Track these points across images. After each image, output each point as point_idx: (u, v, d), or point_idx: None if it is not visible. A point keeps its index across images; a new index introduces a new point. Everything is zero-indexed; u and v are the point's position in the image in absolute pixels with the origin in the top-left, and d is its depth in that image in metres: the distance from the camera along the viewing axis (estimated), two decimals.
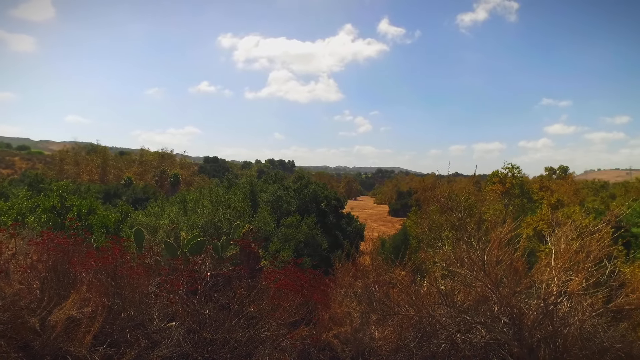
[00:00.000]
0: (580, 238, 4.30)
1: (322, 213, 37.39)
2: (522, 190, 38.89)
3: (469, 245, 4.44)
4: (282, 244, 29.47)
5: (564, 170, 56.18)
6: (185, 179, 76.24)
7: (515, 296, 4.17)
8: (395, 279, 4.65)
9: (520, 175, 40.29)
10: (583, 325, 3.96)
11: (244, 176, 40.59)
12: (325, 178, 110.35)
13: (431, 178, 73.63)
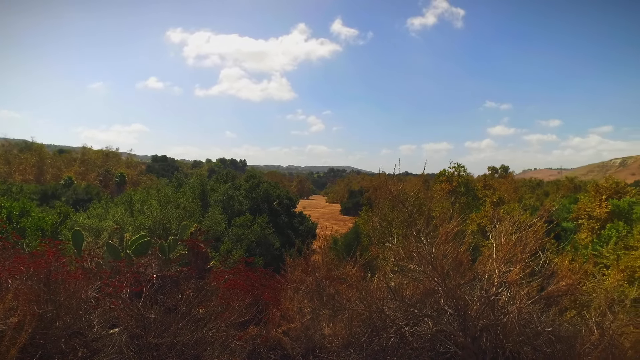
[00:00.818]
0: (518, 232, 4.56)
1: (274, 212, 37.19)
2: (468, 189, 40.70)
3: (417, 240, 4.57)
4: (233, 244, 28.99)
5: (505, 169, 59.55)
6: (132, 178, 72.98)
7: (460, 288, 4.35)
8: (345, 274, 4.69)
9: (465, 175, 42.17)
10: (520, 313, 4.20)
11: (194, 175, 39.50)
12: (277, 177, 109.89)
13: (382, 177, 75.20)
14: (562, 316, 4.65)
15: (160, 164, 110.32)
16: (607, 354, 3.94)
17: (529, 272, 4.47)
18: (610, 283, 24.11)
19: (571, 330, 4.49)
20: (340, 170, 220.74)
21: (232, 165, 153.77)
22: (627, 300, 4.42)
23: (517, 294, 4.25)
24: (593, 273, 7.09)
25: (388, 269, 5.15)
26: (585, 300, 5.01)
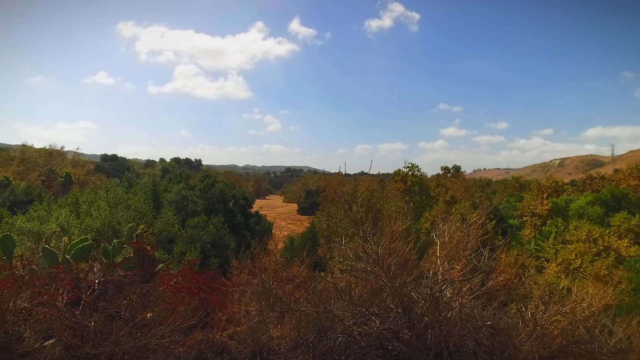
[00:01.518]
0: (460, 231, 4.74)
1: (230, 213, 36.60)
2: (422, 188, 41.99)
3: (364, 240, 4.63)
4: (187, 246, 28.25)
5: (456, 169, 61.93)
6: (79, 178, 69.23)
7: (406, 286, 4.45)
8: (293, 275, 4.68)
9: (419, 174, 43.48)
10: (463, 309, 4.36)
11: (146, 175, 38.08)
12: (233, 177, 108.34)
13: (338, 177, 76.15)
14: (501, 310, 4.89)
15: (110, 163, 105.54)
16: (539, 343, 4.18)
17: (471, 269, 4.65)
18: (549, 275, 25.60)
19: (510, 322, 4.73)
20: (297, 170, 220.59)
21: (187, 164, 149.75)
22: (558, 292, 4.71)
23: (459, 291, 4.41)
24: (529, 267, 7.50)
25: (337, 269, 5.19)
26: (524, 293, 5.28)
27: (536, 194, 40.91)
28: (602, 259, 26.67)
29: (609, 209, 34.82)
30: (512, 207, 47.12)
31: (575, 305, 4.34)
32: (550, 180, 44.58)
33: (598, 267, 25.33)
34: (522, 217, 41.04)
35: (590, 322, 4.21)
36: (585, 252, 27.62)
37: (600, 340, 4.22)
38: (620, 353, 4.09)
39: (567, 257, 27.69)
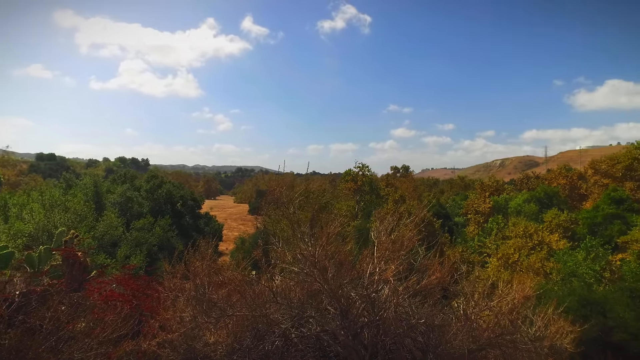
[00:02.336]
0: (397, 230, 4.86)
1: (178, 214, 35.50)
2: (372, 188, 42.79)
3: (302, 242, 4.63)
4: (132, 249, 27.05)
5: (406, 169, 63.93)
6: (9, 179, 64.28)
7: (343, 288, 4.50)
8: (228, 278, 4.58)
9: (370, 174, 44.31)
10: (398, 308, 4.48)
11: (87, 176, 36.00)
12: (182, 177, 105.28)
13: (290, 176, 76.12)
14: (437, 307, 5.06)
15: (47, 163, 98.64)
16: (469, 337, 4.38)
17: (408, 268, 4.79)
18: (491, 269, 26.80)
19: (444, 319, 4.91)
20: (248, 170, 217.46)
21: (134, 164, 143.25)
22: (487, 287, 4.96)
23: (395, 290, 4.52)
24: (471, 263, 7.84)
25: (276, 271, 5.15)
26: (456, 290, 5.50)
27: (479, 193, 42.98)
28: (537, 252, 28.48)
29: (543, 206, 37.26)
30: (457, 206, 49.20)
31: (501, 299, 4.58)
32: (492, 180, 47.04)
33: (533, 260, 27.04)
34: (466, 215, 42.98)
35: (514, 314, 4.47)
36: (522, 247, 29.37)
37: (522, 330, 4.49)
38: (538, 340, 4.38)
39: (506, 252, 29.32)
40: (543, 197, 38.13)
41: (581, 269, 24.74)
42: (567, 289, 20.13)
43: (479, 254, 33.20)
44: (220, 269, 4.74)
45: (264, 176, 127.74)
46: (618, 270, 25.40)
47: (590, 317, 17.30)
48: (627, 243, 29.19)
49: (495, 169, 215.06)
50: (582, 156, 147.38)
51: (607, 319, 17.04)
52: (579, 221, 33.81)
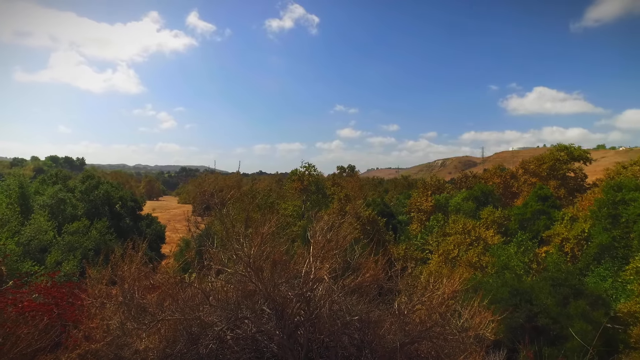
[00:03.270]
0: (332, 230, 4.92)
1: (117, 216, 33.76)
2: (318, 187, 43.11)
3: (237, 242, 4.56)
4: (64, 255, 25.34)
5: (351, 168, 65.06)
6: None
7: (279, 287, 4.48)
8: (158, 282, 4.41)
9: (316, 174, 44.60)
10: (332, 306, 4.54)
11: (11, 176, 33.16)
12: (122, 177, 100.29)
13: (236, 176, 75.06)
14: (372, 303, 5.19)
15: None
16: (402, 331, 4.54)
17: (343, 267, 4.87)
18: (433, 265, 27.88)
19: (380, 315, 5.04)
20: (193, 169, 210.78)
21: (67, 164, 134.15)
22: (420, 283, 5.16)
23: (329, 289, 4.58)
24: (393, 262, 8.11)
25: (212, 273, 5.03)
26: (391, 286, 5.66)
27: (422, 192, 44.64)
28: (474, 247, 30.09)
29: (480, 203, 39.44)
30: (401, 204, 50.84)
31: (431, 294, 4.79)
32: (433, 179, 49.03)
33: (471, 255, 28.55)
34: (410, 213, 44.52)
35: (443, 307, 4.69)
36: (461, 243, 30.89)
37: (451, 322, 4.72)
38: (465, 331, 4.63)
39: (447, 248, 30.73)
40: (480, 196, 40.35)
41: (513, 262, 26.48)
42: (500, 281, 21.48)
43: (422, 250, 34.51)
44: (150, 272, 4.54)
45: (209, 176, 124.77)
46: (543, 262, 27.48)
47: (520, 305, 18.62)
48: (551, 237, 31.67)
49: (437, 169, 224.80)
50: (514, 157, 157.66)
51: (533, 306, 18.40)
52: (511, 217, 36.15)
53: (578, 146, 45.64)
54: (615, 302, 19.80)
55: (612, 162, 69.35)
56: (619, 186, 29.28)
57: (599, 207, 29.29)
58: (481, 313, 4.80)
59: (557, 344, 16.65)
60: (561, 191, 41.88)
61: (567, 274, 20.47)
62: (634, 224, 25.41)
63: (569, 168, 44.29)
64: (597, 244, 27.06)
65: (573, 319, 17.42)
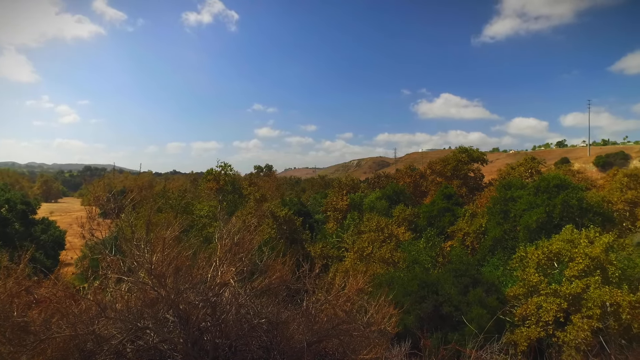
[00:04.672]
0: (240, 232, 4.84)
1: (3, 221, 29.96)
2: (234, 187, 42.28)
3: (137, 249, 4.29)
4: None
5: (269, 168, 64.78)
6: None
7: (182, 293, 4.29)
8: (42, 296, 3.99)
9: (232, 173, 43.70)
10: (239, 310, 4.47)
11: None
12: (11, 177, 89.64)
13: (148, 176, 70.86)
14: (282, 305, 5.21)
15: None
16: (309, 330, 4.61)
17: (251, 269, 4.82)
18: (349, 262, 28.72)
19: (289, 316, 5.08)
20: (99, 168, 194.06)
21: None
22: (327, 282, 5.30)
23: (236, 292, 4.50)
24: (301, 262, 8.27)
25: (110, 282, 4.67)
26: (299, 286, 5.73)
27: (337, 191, 45.91)
28: (387, 244, 31.62)
29: (392, 202, 41.60)
30: (318, 204, 51.83)
31: (338, 292, 4.93)
32: (348, 179, 50.68)
33: (384, 252, 29.97)
34: (326, 212, 45.56)
35: (349, 305, 4.86)
36: (375, 240, 32.27)
37: (357, 319, 4.92)
38: (369, 326, 4.85)
39: (361, 246, 31.93)
40: (392, 195, 42.56)
41: (422, 257, 28.35)
42: (410, 275, 22.89)
43: (338, 248, 35.49)
44: (34, 285, 4.08)
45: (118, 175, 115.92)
46: (448, 255, 29.81)
47: (428, 296, 20.02)
48: (454, 232, 34.53)
49: (353, 169, 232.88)
50: (423, 157, 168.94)
51: (438, 296, 19.90)
52: (420, 215, 38.70)
53: (476, 148, 50.35)
54: (504, 288, 22.13)
55: (504, 163, 77.68)
56: (508, 185, 32.82)
57: (493, 204, 32.57)
58: (385, 308, 5.05)
59: (459, 329, 18.20)
60: (463, 190, 45.74)
61: (468, 265, 22.46)
62: (520, 218, 28.63)
63: (470, 168, 48.58)
64: (492, 237, 30.05)
65: (472, 306, 19.18)
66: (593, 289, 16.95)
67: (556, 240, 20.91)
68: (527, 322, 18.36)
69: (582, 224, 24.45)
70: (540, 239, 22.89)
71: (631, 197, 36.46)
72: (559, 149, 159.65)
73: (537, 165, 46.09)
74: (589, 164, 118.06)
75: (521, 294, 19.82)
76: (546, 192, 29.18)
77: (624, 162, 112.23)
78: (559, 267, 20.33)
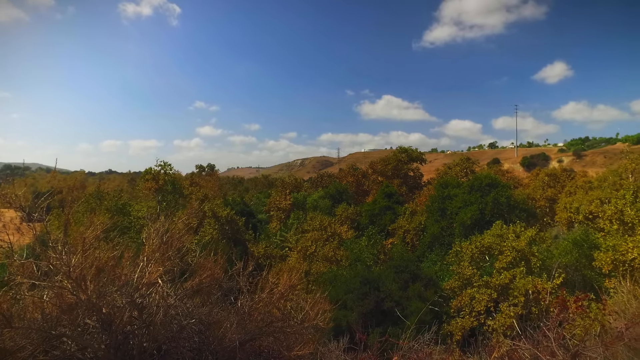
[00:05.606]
0: (170, 231, 4.57)
1: None
2: (175, 187, 40.68)
3: (54, 251, 3.89)
4: None
5: (211, 167, 63.14)
6: None
7: (105, 297, 3.97)
8: None
9: (172, 172, 42.03)
10: (168, 311, 4.21)
11: None
12: None
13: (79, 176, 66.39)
14: (215, 305, 4.99)
15: None
16: (242, 329, 4.45)
17: (182, 269, 4.56)
18: (293, 262, 28.62)
19: (222, 315, 4.88)
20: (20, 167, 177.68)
21: None
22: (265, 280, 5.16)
23: (164, 293, 4.23)
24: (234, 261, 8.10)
25: (24, 289, 4.20)
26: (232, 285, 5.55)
27: (281, 191, 45.70)
28: (330, 243, 31.92)
29: (335, 201, 42.09)
30: (261, 203, 51.31)
31: (271, 290, 4.82)
32: (292, 178, 50.61)
33: (327, 250, 30.22)
34: (269, 212, 45.17)
35: (283, 302, 4.76)
36: (318, 239, 32.44)
37: (292, 316, 4.83)
38: (302, 322, 4.79)
39: (305, 245, 31.96)
40: (335, 194, 43.06)
41: (364, 254, 28.93)
42: (353, 272, 23.27)
43: (281, 248, 35.28)
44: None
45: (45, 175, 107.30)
46: (389, 252, 30.70)
47: (370, 292, 20.44)
48: (395, 229, 35.62)
49: (296, 168, 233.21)
50: (366, 157, 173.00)
51: (380, 292, 20.38)
52: (363, 213, 39.48)
53: (416, 149, 52.30)
54: (442, 282, 23.18)
55: (441, 163, 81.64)
56: (445, 184, 34.44)
57: (431, 202, 34.01)
58: (319, 304, 5.01)
59: (400, 323, 18.75)
60: (403, 188, 47.31)
61: (408, 261, 23.22)
62: (456, 215, 30.16)
63: (409, 168, 50.37)
64: (430, 234, 31.37)
65: (411, 300, 19.84)
66: (519, 279, 18.28)
67: (487, 235, 22.31)
68: (462, 313, 19.38)
69: (510, 220, 26.21)
70: (474, 234, 24.22)
71: (551, 195, 39.88)
72: (491, 150, 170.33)
73: (471, 165, 48.82)
74: (516, 164, 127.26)
75: (457, 287, 20.90)
76: (479, 191, 30.95)
77: (545, 162, 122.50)
78: (490, 260, 21.68)
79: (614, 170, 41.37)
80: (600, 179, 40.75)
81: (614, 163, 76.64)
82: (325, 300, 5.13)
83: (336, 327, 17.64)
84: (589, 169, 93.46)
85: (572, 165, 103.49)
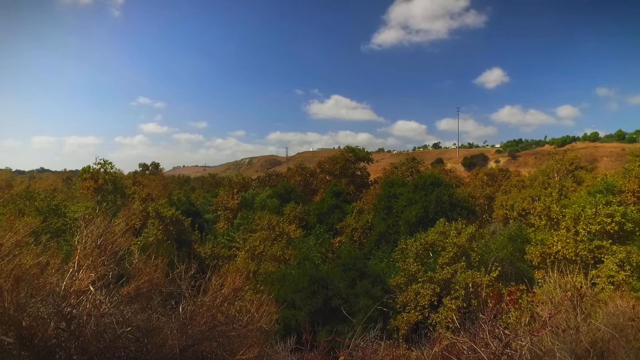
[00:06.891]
0: (105, 234, 4.28)
1: None
2: (116, 186, 38.65)
3: None
4: None
5: (155, 166, 60.68)
6: None
7: (25, 308, 3.62)
8: None
9: (113, 171, 39.88)
10: (101, 320, 3.93)
11: None
12: None
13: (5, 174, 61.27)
14: (155, 311, 4.74)
15: None
16: (183, 334, 4.27)
17: (118, 274, 4.28)
18: (240, 262, 28.20)
19: (162, 321, 4.64)
20: None
21: None
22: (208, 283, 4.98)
23: (96, 301, 3.95)
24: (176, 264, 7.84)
25: None
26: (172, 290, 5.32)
27: (228, 190, 44.82)
28: (279, 242, 31.73)
29: (283, 200, 41.92)
30: (208, 203, 49.99)
31: (214, 294, 4.66)
32: (240, 177, 49.80)
33: (275, 250, 30.01)
34: (217, 212, 44.14)
35: (226, 305, 4.62)
36: (266, 238, 32.13)
37: (236, 319, 4.70)
38: (247, 325, 4.68)
39: (253, 244, 31.55)
40: (283, 193, 42.88)
41: (312, 253, 29.04)
42: (301, 271, 23.27)
43: (229, 248, 34.59)
44: None
45: None
46: (337, 250, 31.04)
47: (318, 291, 20.54)
48: (343, 227, 36.11)
49: (245, 167, 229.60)
50: (314, 156, 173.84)
51: (328, 290, 20.55)
52: (311, 212, 39.64)
53: (362, 148, 53.28)
54: (389, 278, 23.80)
55: (388, 163, 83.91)
56: (392, 183, 35.41)
57: (378, 201, 34.83)
58: (265, 306, 4.91)
59: (348, 320, 19.01)
60: (351, 187, 48.07)
61: (355, 259, 23.60)
62: (402, 213, 31.09)
63: (357, 167, 51.26)
64: (377, 232, 32.10)
65: (359, 297, 20.19)
66: (460, 273, 19.21)
67: (431, 232, 23.25)
68: (408, 308, 20.06)
69: (453, 217, 27.42)
70: (419, 231, 25.08)
71: (489, 193, 42.37)
72: (435, 150, 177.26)
73: (416, 165, 50.58)
74: (458, 164, 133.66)
75: (402, 283, 21.58)
76: (423, 190, 32.09)
77: (484, 162, 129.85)
78: (433, 257, 22.59)
79: (543, 170, 44.85)
80: (532, 178, 43.98)
81: (543, 163, 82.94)
82: (271, 301, 5.04)
83: (285, 326, 17.56)
84: (522, 168, 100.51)
85: (507, 166, 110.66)
